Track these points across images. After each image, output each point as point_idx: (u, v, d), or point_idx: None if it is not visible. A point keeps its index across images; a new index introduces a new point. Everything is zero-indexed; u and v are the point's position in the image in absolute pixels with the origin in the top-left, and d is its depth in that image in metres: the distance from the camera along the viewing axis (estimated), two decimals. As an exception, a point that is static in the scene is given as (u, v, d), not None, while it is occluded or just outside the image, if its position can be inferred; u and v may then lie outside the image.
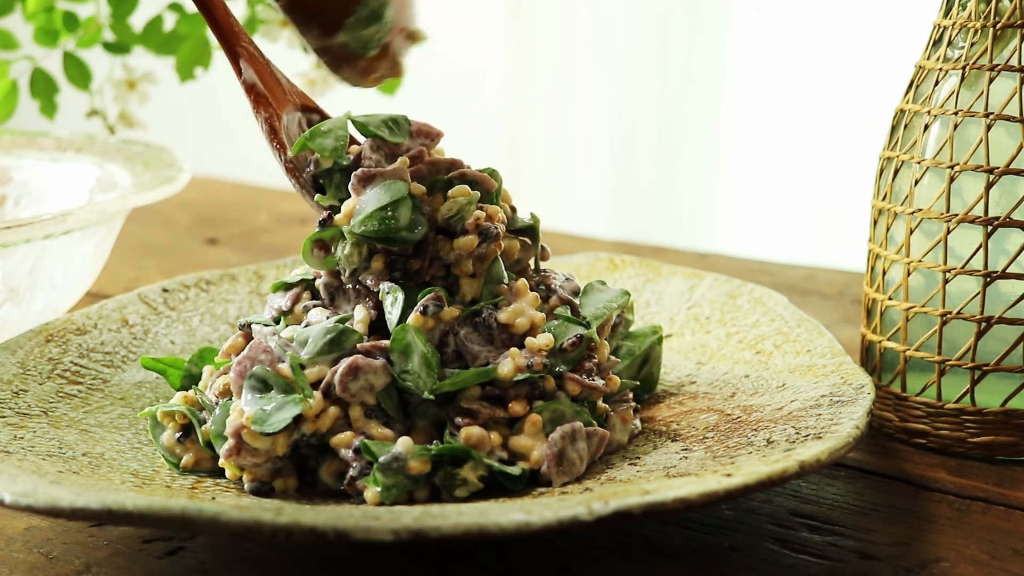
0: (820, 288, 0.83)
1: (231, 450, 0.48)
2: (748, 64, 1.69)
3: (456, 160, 0.54)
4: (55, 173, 0.79)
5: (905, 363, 0.57)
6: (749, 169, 1.73)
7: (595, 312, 0.55)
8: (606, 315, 0.55)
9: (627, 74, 1.78)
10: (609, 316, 0.55)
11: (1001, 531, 0.49)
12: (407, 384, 0.49)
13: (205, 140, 1.33)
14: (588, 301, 0.56)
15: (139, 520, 0.40)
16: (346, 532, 0.39)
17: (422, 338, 0.50)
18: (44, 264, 0.65)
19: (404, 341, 0.49)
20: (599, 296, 0.56)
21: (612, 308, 0.55)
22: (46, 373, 0.56)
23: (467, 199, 0.52)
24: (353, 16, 0.50)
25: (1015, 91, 0.53)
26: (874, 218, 0.59)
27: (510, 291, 0.52)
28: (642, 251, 0.92)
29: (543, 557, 0.46)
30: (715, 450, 0.49)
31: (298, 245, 0.95)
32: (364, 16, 0.50)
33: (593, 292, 0.56)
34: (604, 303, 0.55)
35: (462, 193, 0.52)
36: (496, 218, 0.52)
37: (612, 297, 0.56)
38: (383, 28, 0.51)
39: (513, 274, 0.53)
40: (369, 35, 0.51)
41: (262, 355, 0.49)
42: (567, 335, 0.51)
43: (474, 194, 0.52)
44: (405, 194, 0.51)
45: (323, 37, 0.50)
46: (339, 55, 0.51)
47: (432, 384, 0.49)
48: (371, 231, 0.51)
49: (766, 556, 0.46)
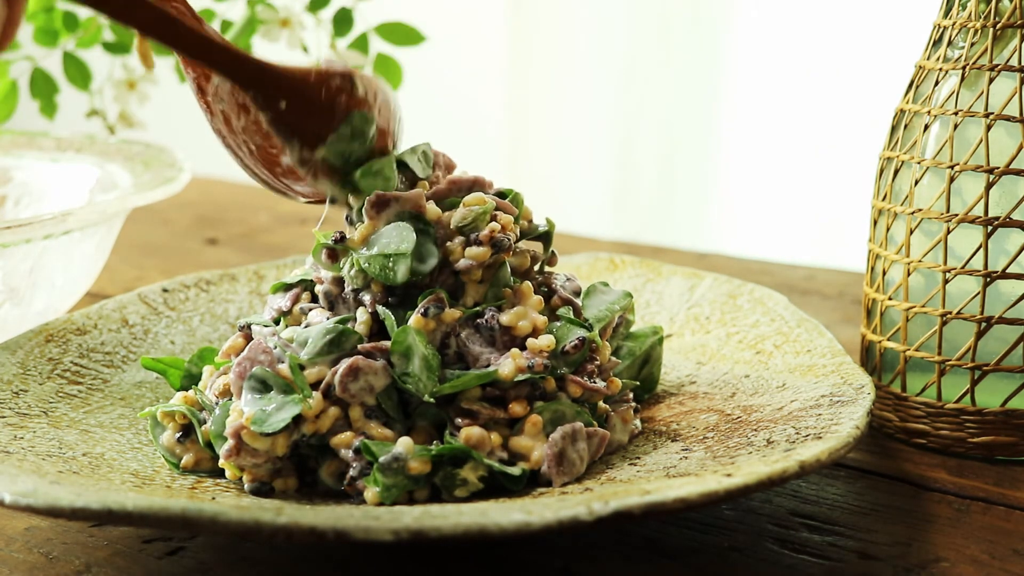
0: (820, 288, 0.83)
1: (231, 451, 0.48)
2: (748, 64, 1.69)
3: (479, 178, 0.54)
4: (55, 173, 0.79)
5: (905, 363, 0.57)
6: (749, 169, 1.73)
7: (597, 314, 0.55)
8: (608, 317, 0.55)
9: (627, 74, 1.78)
10: (611, 318, 0.55)
11: (1001, 531, 0.49)
12: (408, 387, 0.49)
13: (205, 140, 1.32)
14: (591, 303, 0.56)
15: (139, 520, 0.40)
16: (346, 532, 0.39)
17: (423, 340, 0.49)
18: (44, 264, 0.65)
19: (405, 343, 0.49)
20: (602, 298, 0.56)
21: (614, 310, 0.55)
22: (46, 373, 0.56)
23: (482, 208, 0.51)
24: (336, 133, 0.51)
25: (1015, 91, 0.53)
26: (874, 218, 0.59)
27: (514, 294, 0.52)
28: (642, 251, 0.92)
29: (543, 557, 0.46)
30: (715, 450, 0.49)
31: (298, 245, 0.95)
32: (347, 134, 0.51)
33: (596, 294, 0.56)
34: (607, 305, 0.55)
35: (477, 201, 0.52)
36: (508, 228, 0.52)
37: (615, 299, 0.56)
38: (364, 146, 0.52)
39: (517, 277, 0.53)
40: (350, 150, 0.52)
41: (261, 356, 0.49)
42: (569, 338, 0.51)
43: (489, 203, 0.52)
44: (411, 245, 0.50)
45: (304, 150, 0.51)
46: (318, 168, 0.52)
47: (433, 387, 0.49)
48: (373, 273, 0.50)
49: (766, 556, 0.46)
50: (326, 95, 0.51)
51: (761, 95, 1.69)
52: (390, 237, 0.51)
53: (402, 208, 0.52)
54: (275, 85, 0.50)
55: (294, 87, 0.50)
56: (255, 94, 0.50)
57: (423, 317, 0.50)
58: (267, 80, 0.50)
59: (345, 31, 0.85)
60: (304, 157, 0.51)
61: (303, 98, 0.50)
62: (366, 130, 0.52)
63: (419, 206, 0.52)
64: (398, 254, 0.50)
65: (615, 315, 0.55)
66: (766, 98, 1.69)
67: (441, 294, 0.50)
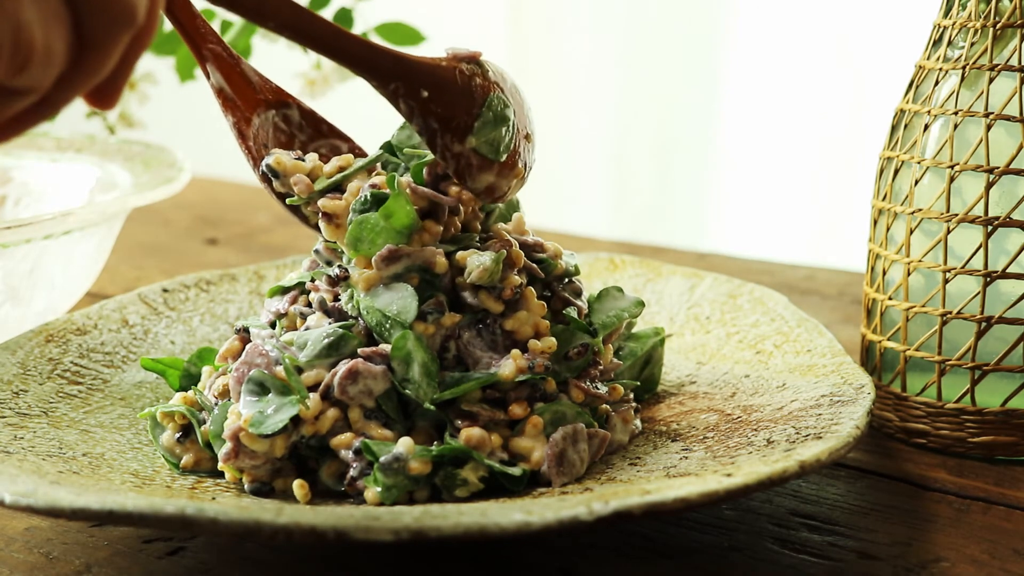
0: (820, 288, 0.83)
1: (229, 454, 0.48)
2: (748, 64, 1.69)
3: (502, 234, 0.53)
4: (55, 173, 0.79)
5: (905, 363, 0.57)
6: (749, 169, 1.73)
7: (605, 320, 0.54)
8: (615, 324, 0.54)
9: (626, 73, 1.78)
10: (619, 325, 0.55)
11: (1001, 531, 0.49)
12: (407, 393, 0.48)
13: (205, 140, 1.32)
14: (601, 307, 0.55)
15: (139, 520, 0.40)
16: (346, 532, 0.39)
17: (422, 346, 0.49)
18: (44, 264, 0.65)
19: (404, 349, 0.49)
20: (613, 303, 0.55)
21: (623, 317, 0.55)
22: (46, 373, 0.56)
23: (493, 261, 0.50)
24: (480, 119, 0.50)
25: (1015, 91, 0.53)
26: (874, 218, 0.59)
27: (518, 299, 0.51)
28: (642, 251, 0.92)
29: (543, 557, 0.46)
30: (715, 450, 0.49)
31: (298, 245, 0.95)
32: (491, 119, 0.50)
33: (608, 298, 0.56)
34: (616, 311, 0.55)
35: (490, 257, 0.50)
36: (519, 263, 0.51)
37: (626, 306, 0.55)
38: (511, 129, 0.51)
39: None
40: (498, 137, 0.50)
41: (258, 359, 0.49)
42: (573, 343, 0.51)
43: (500, 253, 0.50)
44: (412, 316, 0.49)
45: (456, 143, 0.50)
46: (472, 163, 0.50)
47: (433, 393, 0.49)
48: (368, 322, 0.50)
49: (766, 556, 0.46)
50: (461, 80, 0.49)
51: (761, 94, 1.69)
52: (393, 300, 0.49)
53: (412, 263, 0.50)
54: (414, 75, 0.48)
55: (432, 75, 0.49)
56: (396, 86, 0.48)
57: (423, 322, 0.49)
58: (406, 71, 0.48)
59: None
60: (455, 150, 0.50)
61: (441, 85, 0.49)
62: (506, 113, 0.50)
63: (431, 263, 0.50)
64: (397, 321, 0.49)
65: (623, 322, 0.55)
66: (766, 97, 1.69)
67: (441, 298, 0.50)
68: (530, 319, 0.51)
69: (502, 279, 0.50)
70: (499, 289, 0.50)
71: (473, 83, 0.50)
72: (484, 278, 0.50)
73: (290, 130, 0.54)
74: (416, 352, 0.49)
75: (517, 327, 0.50)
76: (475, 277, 0.50)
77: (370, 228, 0.50)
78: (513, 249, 0.51)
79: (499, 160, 0.51)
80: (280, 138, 0.54)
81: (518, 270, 0.51)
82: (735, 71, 1.70)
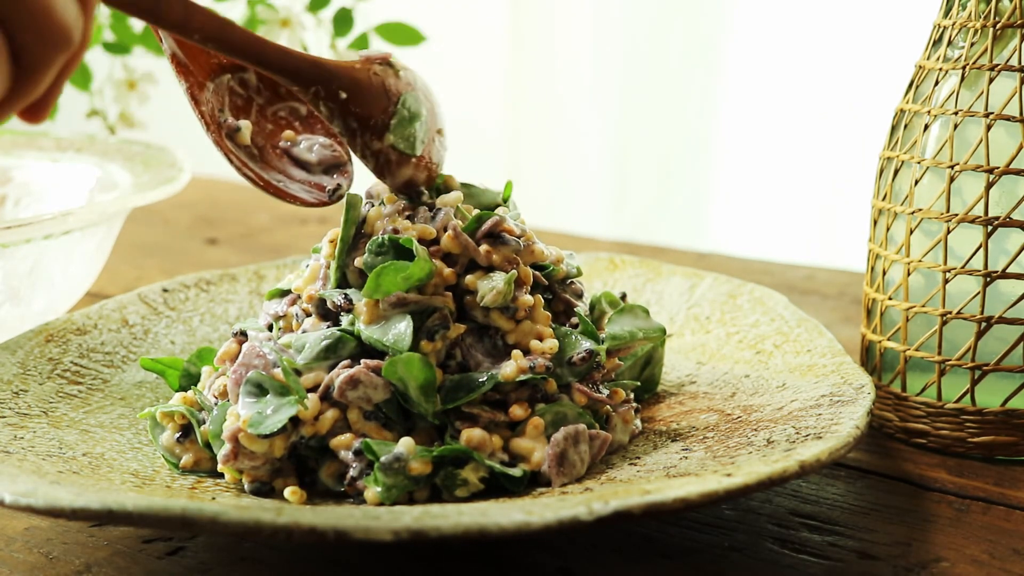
0: (820, 288, 0.83)
1: (228, 455, 0.48)
2: (748, 63, 1.69)
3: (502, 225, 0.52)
4: (55, 173, 0.79)
5: (905, 363, 0.57)
6: (749, 169, 1.73)
7: (618, 332, 0.54)
8: (627, 341, 0.54)
9: (627, 73, 1.78)
10: (631, 344, 0.54)
11: (1001, 531, 0.49)
12: (407, 406, 0.49)
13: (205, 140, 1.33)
14: (620, 319, 0.55)
15: (139, 520, 0.40)
16: (346, 532, 0.39)
17: (421, 365, 0.48)
18: (44, 264, 0.65)
19: (396, 375, 0.48)
20: (632, 321, 0.55)
21: (636, 336, 0.54)
22: (46, 373, 0.56)
23: (506, 283, 0.50)
24: (395, 117, 0.52)
25: (1015, 91, 0.53)
26: (874, 218, 0.59)
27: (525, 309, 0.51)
28: (642, 251, 0.92)
29: (543, 557, 0.46)
30: (715, 450, 0.49)
31: (298, 245, 0.95)
32: (405, 116, 0.52)
33: (629, 315, 0.56)
34: (632, 328, 0.55)
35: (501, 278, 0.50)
36: (529, 280, 0.51)
37: (645, 328, 0.55)
38: (423, 126, 0.53)
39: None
40: (413, 133, 0.52)
41: (256, 360, 0.49)
42: (578, 348, 0.51)
43: (511, 274, 0.50)
44: (413, 365, 0.49)
45: (375, 140, 0.51)
46: (391, 159, 0.52)
47: (434, 408, 0.49)
48: (370, 342, 0.50)
49: (766, 556, 0.46)
50: (375, 81, 0.51)
51: (761, 94, 1.69)
52: (395, 333, 0.49)
53: (419, 307, 0.50)
54: (332, 78, 0.50)
55: (348, 77, 0.51)
56: (317, 89, 0.50)
57: (430, 341, 0.49)
58: (324, 74, 0.50)
59: (345, 31, 0.85)
60: (374, 148, 0.51)
61: (358, 87, 0.51)
62: (419, 110, 0.52)
63: (435, 308, 0.50)
64: (398, 355, 0.48)
65: (636, 342, 0.55)
66: (766, 97, 1.69)
67: (446, 311, 0.50)
68: (534, 329, 0.51)
69: (513, 299, 0.50)
70: (513, 310, 0.50)
71: (387, 83, 0.52)
72: (498, 301, 0.50)
73: (247, 93, 0.55)
74: (411, 376, 0.48)
75: (522, 339, 0.51)
76: (489, 301, 0.50)
77: (388, 279, 0.50)
78: (522, 268, 0.51)
79: (415, 155, 0.53)
80: (237, 102, 0.54)
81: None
82: (735, 71, 1.70)
